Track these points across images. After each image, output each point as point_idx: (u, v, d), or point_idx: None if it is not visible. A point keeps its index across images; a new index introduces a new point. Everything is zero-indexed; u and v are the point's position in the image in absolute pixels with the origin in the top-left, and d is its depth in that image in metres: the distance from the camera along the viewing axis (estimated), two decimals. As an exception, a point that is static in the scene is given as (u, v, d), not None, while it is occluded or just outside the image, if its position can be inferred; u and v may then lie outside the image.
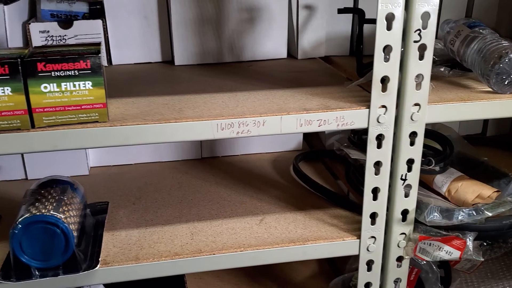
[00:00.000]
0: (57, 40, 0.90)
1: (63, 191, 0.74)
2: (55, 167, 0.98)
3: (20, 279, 0.67)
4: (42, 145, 0.62)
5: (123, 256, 0.73)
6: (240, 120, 0.66)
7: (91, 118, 0.63)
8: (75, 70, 0.60)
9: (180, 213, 0.84)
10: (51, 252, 0.68)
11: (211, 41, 0.95)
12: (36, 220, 0.67)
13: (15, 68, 0.58)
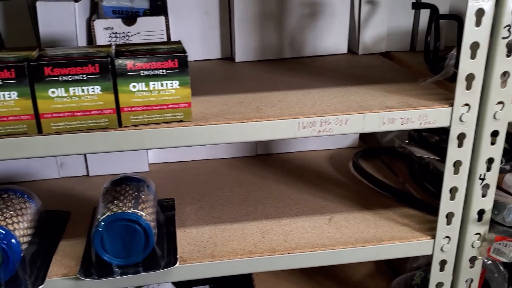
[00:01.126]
0: (120, 37, 0.90)
1: (138, 189, 0.74)
2: (115, 164, 0.99)
3: (102, 276, 0.68)
4: (129, 144, 0.62)
5: (199, 253, 0.73)
6: (322, 119, 0.65)
7: (176, 118, 0.62)
8: (163, 70, 0.60)
9: (247, 211, 0.84)
10: (131, 250, 0.69)
11: (272, 37, 0.94)
12: (118, 218, 0.67)
13: (104, 67, 0.58)
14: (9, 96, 0.57)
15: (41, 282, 0.67)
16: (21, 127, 0.59)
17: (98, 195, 0.90)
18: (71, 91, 0.58)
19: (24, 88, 0.57)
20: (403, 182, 0.94)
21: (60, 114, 0.59)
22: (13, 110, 0.58)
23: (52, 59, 0.58)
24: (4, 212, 0.68)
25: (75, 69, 0.57)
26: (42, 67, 0.56)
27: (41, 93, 0.57)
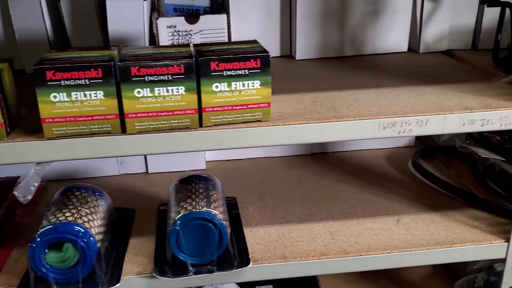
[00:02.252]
0: (182, 35, 0.90)
1: (207, 187, 0.74)
2: (173, 161, 0.99)
3: (176, 275, 0.68)
4: (209, 144, 0.62)
5: (269, 253, 0.72)
6: (403, 119, 0.64)
7: (255, 118, 0.62)
8: (246, 70, 0.59)
9: (311, 211, 0.83)
10: (204, 248, 0.69)
11: (334, 35, 0.93)
12: (194, 217, 0.67)
13: (189, 68, 0.58)
14: (95, 96, 0.57)
15: (117, 281, 0.67)
16: (105, 126, 0.59)
17: (159, 192, 0.92)
18: (156, 91, 0.58)
19: (110, 87, 0.57)
20: (464, 182, 0.92)
21: (145, 114, 0.59)
22: (99, 109, 0.58)
23: (137, 59, 0.58)
24: (79, 210, 0.69)
25: (161, 70, 0.57)
26: (129, 67, 0.57)
27: (127, 93, 0.57)
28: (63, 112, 0.57)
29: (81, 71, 0.56)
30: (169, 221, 0.70)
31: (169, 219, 0.71)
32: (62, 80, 0.56)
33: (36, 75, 0.55)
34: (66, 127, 0.58)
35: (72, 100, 0.57)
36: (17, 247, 0.75)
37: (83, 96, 0.57)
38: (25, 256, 0.73)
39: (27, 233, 0.79)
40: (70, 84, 0.56)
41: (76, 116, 0.58)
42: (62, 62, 0.56)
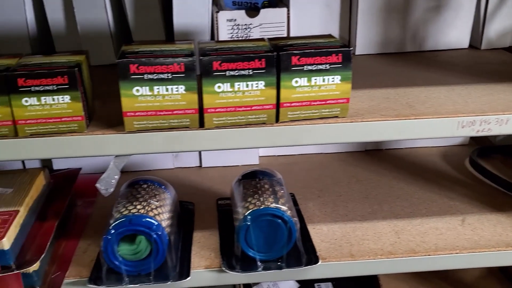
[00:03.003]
0: (242, 29, 0.89)
1: (272, 183, 0.74)
2: (227, 156, 0.99)
3: (245, 270, 0.68)
4: (285, 139, 0.61)
5: (336, 252, 0.72)
6: (482, 118, 0.62)
7: (332, 113, 0.61)
8: (327, 64, 0.58)
9: (373, 209, 0.82)
10: (273, 245, 0.68)
11: (395, 30, 0.91)
12: (263, 213, 0.67)
13: (270, 62, 0.57)
14: (176, 90, 0.57)
15: (187, 274, 0.67)
16: (184, 121, 0.59)
17: (214, 187, 0.92)
18: (236, 86, 0.57)
19: (191, 82, 0.57)
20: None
21: (223, 109, 0.59)
22: (179, 104, 0.58)
23: (218, 53, 0.57)
24: (149, 203, 0.69)
25: (242, 64, 0.57)
26: (212, 62, 0.56)
27: (208, 87, 0.57)
28: (145, 106, 0.57)
29: (164, 66, 0.56)
30: (236, 216, 0.70)
31: (236, 214, 0.71)
32: (146, 74, 0.56)
33: (121, 68, 0.55)
34: (146, 121, 0.58)
35: (154, 94, 0.57)
36: (83, 238, 0.76)
37: (165, 91, 0.57)
38: (92, 247, 0.74)
39: (91, 224, 0.80)
40: (153, 78, 0.56)
41: (157, 111, 0.58)
42: (144, 55, 0.56)
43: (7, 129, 0.57)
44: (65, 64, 0.57)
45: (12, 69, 0.56)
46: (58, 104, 0.57)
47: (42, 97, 0.56)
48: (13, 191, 0.71)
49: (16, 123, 0.57)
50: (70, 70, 0.56)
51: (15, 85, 0.55)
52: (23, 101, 0.56)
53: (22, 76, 0.55)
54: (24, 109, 0.56)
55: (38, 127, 0.58)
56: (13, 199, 0.69)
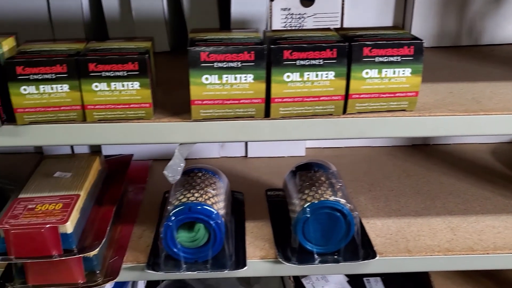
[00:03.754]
0: (295, 18, 0.88)
1: (328, 176, 0.73)
2: (273, 147, 0.98)
3: (302, 262, 0.67)
4: (350, 132, 0.60)
5: (392, 247, 0.71)
6: (554, 115, 0.61)
7: (400, 107, 0.60)
8: (399, 56, 0.57)
9: (425, 205, 0.81)
10: (330, 238, 0.68)
11: (451, 23, 0.89)
12: (323, 205, 0.66)
13: (342, 52, 0.56)
14: (245, 79, 0.56)
15: (243, 264, 0.67)
16: (250, 110, 0.58)
17: (262, 177, 0.91)
18: (305, 76, 0.57)
19: (260, 71, 0.56)
20: None
21: (290, 99, 0.58)
22: (247, 93, 0.57)
23: (288, 42, 0.56)
24: (206, 191, 0.69)
25: (313, 54, 0.56)
26: (282, 50, 0.55)
27: (276, 77, 0.56)
28: (213, 94, 0.57)
29: (235, 54, 0.55)
30: (292, 208, 0.69)
31: (292, 206, 0.70)
32: (215, 62, 0.55)
33: (192, 56, 0.55)
34: (213, 110, 0.58)
35: (223, 83, 0.56)
36: (137, 224, 0.77)
37: (234, 79, 0.56)
38: (147, 233, 0.75)
39: (143, 210, 0.80)
40: (223, 66, 0.56)
41: (224, 99, 0.57)
42: (214, 43, 0.56)
43: (75, 113, 0.58)
44: (134, 50, 0.57)
45: (82, 54, 0.56)
46: (127, 90, 0.57)
47: (112, 83, 0.56)
48: (71, 175, 0.72)
49: (85, 108, 0.57)
50: (140, 56, 0.56)
51: (86, 70, 0.55)
52: (93, 86, 0.56)
53: (94, 61, 0.55)
54: (93, 94, 0.56)
55: (106, 112, 0.58)
56: (72, 183, 0.70)
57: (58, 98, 0.56)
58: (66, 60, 0.55)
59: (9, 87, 0.55)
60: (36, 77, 0.55)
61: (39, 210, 0.63)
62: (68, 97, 0.56)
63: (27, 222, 0.61)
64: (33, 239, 0.60)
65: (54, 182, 0.70)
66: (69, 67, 0.55)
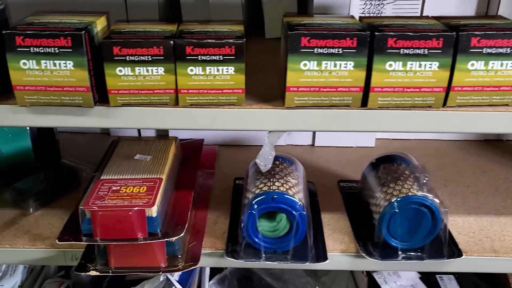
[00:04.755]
0: (375, 5, 0.85)
1: (412, 170, 0.71)
2: (341, 136, 0.96)
3: (385, 258, 0.66)
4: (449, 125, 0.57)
5: (477, 246, 0.68)
6: None
7: (503, 101, 0.56)
8: (508, 48, 0.54)
9: (506, 204, 0.78)
10: (414, 234, 0.65)
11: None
12: (411, 201, 0.64)
13: (448, 42, 0.53)
14: (345, 66, 0.54)
15: (324, 257, 0.66)
16: (346, 99, 0.56)
17: (330, 167, 0.89)
18: (408, 66, 0.54)
19: (361, 58, 0.54)
20: None
21: (391, 89, 0.55)
22: (345, 81, 0.55)
23: (392, 29, 0.54)
24: (287, 181, 0.67)
25: (418, 43, 0.53)
26: (386, 38, 0.53)
27: (378, 65, 0.54)
28: (310, 81, 0.55)
29: (336, 40, 0.53)
30: (375, 201, 0.67)
31: (375, 199, 0.68)
32: (316, 48, 0.53)
33: (292, 41, 0.53)
34: (308, 97, 0.56)
35: (321, 70, 0.54)
36: (211, 210, 0.76)
37: (333, 66, 0.54)
38: (221, 219, 0.74)
39: (214, 196, 0.79)
40: (323, 52, 0.54)
41: (321, 87, 0.55)
42: (313, 28, 0.54)
43: (168, 97, 0.57)
44: (230, 34, 0.56)
45: (178, 36, 0.55)
46: (221, 75, 0.55)
47: (208, 67, 0.55)
48: (151, 158, 0.71)
49: (179, 92, 0.56)
50: (237, 41, 0.54)
51: (183, 53, 0.54)
52: (189, 70, 0.55)
53: (191, 44, 0.54)
54: (188, 78, 0.55)
55: (198, 97, 0.57)
56: (153, 166, 0.69)
57: (152, 81, 0.55)
58: (163, 42, 0.54)
59: (104, 67, 0.54)
60: (132, 59, 0.54)
61: (124, 192, 0.63)
62: (163, 80, 0.55)
63: (113, 204, 0.61)
64: (120, 221, 0.60)
65: (134, 165, 0.70)
66: (166, 50, 0.54)
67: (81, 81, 0.54)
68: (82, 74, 0.54)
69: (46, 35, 0.52)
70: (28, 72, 0.54)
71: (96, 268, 0.63)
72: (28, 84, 0.55)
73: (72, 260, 0.68)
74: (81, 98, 0.55)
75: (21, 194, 0.74)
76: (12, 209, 0.75)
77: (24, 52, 0.53)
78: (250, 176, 0.71)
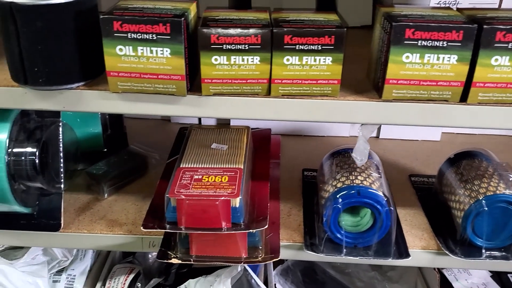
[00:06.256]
0: (451, -5, 0.82)
1: (494, 167, 0.68)
2: (408, 129, 0.94)
3: (468, 256, 0.64)
4: None
5: None
6: None
7: None
8: None
9: None
10: (500, 233, 0.64)
11: None
12: (500, 199, 0.62)
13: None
14: (448, 60, 0.52)
15: (406, 253, 0.65)
16: (445, 93, 0.54)
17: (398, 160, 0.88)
18: None
19: (466, 52, 0.52)
20: None
21: (493, 85, 0.53)
22: (447, 75, 0.53)
23: (499, 22, 0.52)
24: (370, 175, 0.66)
25: (531, 36, 0.51)
26: (495, 32, 0.51)
27: (484, 59, 0.52)
28: (411, 74, 0.53)
29: (442, 32, 0.51)
30: (457, 198, 0.66)
31: (456, 196, 0.66)
32: (420, 40, 0.51)
33: (395, 33, 0.51)
34: (407, 90, 0.54)
35: (424, 63, 0.52)
36: (282, 201, 0.75)
37: (436, 59, 0.52)
38: (294, 211, 0.73)
39: (283, 186, 0.78)
40: (427, 45, 0.52)
41: (421, 80, 0.53)
42: (416, 20, 0.52)
43: (260, 87, 0.55)
44: (327, 23, 0.54)
45: (276, 25, 0.53)
46: (318, 65, 0.54)
47: (304, 57, 0.53)
48: (227, 147, 0.70)
49: (272, 81, 0.55)
50: (338, 30, 0.52)
51: (281, 42, 0.53)
52: (285, 59, 0.54)
53: (290, 33, 0.52)
54: (283, 68, 0.54)
55: (292, 87, 0.55)
56: (230, 156, 0.68)
57: (247, 70, 0.54)
58: (261, 31, 0.53)
59: (201, 56, 0.53)
60: (229, 47, 0.53)
61: (207, 181, 0.62)
62: (257, 70, 0.54)
63: (199, 193, 0.60)
64: (206, 211, 0.59)
65: (212, 153, 0.69)
66: (264, 39, 0.53)
67: (177, 69, 0.53)
68: (179, 62, 0.53)
69: (145, 20, 0.52)
70: (123, 59, 0.53)
71: (177, 256, 0.63)
72: (123, 71, 0.54)
73: (149, 247, 0.69)
74: (175, 87, 0.55)
75: (96, 178, 0.74)
76: (85, 194, 0.76)
77: (121, 37, 0.52)
78: (327, 169, 0.70)
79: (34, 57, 0.54)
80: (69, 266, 0.78)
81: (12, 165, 0.62)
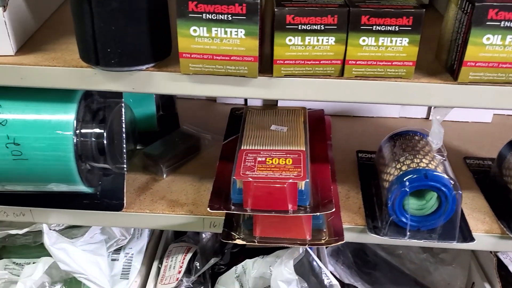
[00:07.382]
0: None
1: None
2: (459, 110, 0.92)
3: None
4: None
5: None
6: None
7: None
8: None
9: None
10: None
11: None
12: None
13: None
14: (515, 40, 0.51)
15: (470, 237, 0.64)
16: (511, 75, 0.53)
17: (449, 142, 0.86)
18: None
19: (550, 33, 0.50)
20: None
21: None
22: (510, 56, 0.52)
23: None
24: (434, 158, 0.65)
25: None
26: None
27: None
28: (490, 56, 0.52)
29: (524, 13, 0.50)
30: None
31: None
32: (503, 21, 0.50)
33: (478, 13, 0.50)
34: (484, 73, 0.53)
35: (505, 44, 0.51)
36: (339, 183, 0.75)
37: None
38: (352, 194, 0.73)
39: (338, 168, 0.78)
40: (510, 26, 0.50)
41: (500, 62, 0.52)
42: None
43: (333, 68, 0.55)
44: (404, 3, 0.53)
45: (352, 5, 0.52)
46: (394, 46, 0.53)
47: (381, 38, 0.52)
48: (287, 129, 0.70)
49: (346, 63, 0.54)
50: (417, 11, 0.51)
51: (358, 22, 0.52)
52: (361, 40, 0.53)
53: (367, 13, 0.51)
54: (358, 49, 0.53)
55: (365, 69, 0.54)
56: (291, 138, 0.68)
57: (321, 51, 0.53)
58: (338, 10, 0.51)
59: (275, 37, 0.53)
60: (304, 28, 0.52)
61: (271, 164, 0.62)
62: (332, 51, 0.53)
63: (265, 176, 0.60)
64: (272, 193, 0.59)
65: (272, 135, 0.69)
66: (340, 19, 0.52)
67: (251, 50, 0.53)
68: (253, 43, 0.52)
69: (221, 1, 0.51)
70: (197, 40, 0.53)
71: (241, 237, 0.64)
72: (195, 52, 0.54)
73: (210, 227, 0.69)
74: (247, 68, 0.54)
75: (153, 159, 0.75)
76: (142, 174, 0.76)
77: (195, 18, 0.52)
78: (387, 152, 0.69)
79: (108, 37, 0.53)
80: (127, 245, 0.79)
81: (80, 146, 0.62)
